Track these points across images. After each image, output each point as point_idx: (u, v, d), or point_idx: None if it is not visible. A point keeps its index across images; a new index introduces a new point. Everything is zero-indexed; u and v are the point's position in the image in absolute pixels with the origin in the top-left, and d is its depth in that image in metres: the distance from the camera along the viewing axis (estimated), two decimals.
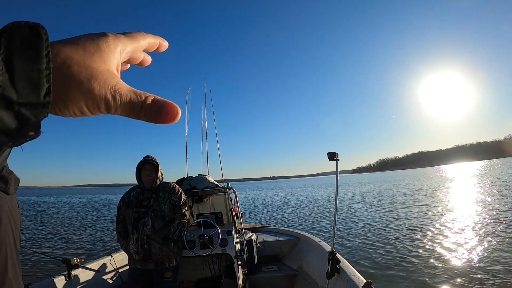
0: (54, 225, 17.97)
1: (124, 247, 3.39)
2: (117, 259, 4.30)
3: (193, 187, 4.40)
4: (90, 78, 0.30)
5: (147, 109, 0.33)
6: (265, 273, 4.79)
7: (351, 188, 43.39)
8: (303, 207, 22.62)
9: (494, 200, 16.75)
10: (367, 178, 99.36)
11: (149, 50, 0.42)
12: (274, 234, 5.97)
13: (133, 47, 0.38)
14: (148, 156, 3.41)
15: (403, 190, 32.18)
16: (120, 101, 0.32)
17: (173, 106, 0.34)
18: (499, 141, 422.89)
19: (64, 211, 28.08)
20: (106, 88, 0.31)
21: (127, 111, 0.33)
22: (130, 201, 3.38)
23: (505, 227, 10.04)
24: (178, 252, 3.42)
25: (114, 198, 31.44)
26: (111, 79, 0.32)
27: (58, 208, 32.76)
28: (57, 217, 22.51)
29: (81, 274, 3.66)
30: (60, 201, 46.28)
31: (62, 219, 21.41)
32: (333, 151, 3.33)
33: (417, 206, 17.45)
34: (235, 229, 3.97)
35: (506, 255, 7.25)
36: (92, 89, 0.30)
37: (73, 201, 46.10)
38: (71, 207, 33.42)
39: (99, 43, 0.33)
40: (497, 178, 34.23)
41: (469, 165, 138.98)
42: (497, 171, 50.43)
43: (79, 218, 21.55)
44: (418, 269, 6.82)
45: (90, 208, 32.13)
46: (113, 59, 0.34)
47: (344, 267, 3.29)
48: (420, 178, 61.28)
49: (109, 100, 0.31)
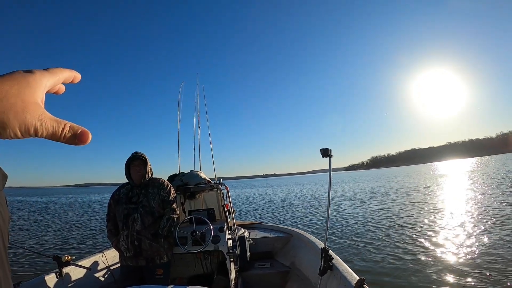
0: (45, 224, 17.84)
1: (115, 244, 3.35)
2: (109, 256, 4.27)
3: (185, 183, 4.37)
4: (24, 109, 0.39)
5: (65, 135, 0.43)
6: (258, 269, 4.77)
7: (344, 185, 43.57)
8: (296, 204, 22.68)
9: (484, 197, 16.95)
10: (360, 175, 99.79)
11: (66, 82, 0.50)
12: (267, 231, 5.96)
13: (53, 82, 0.46)
14: (136, 152, 3.38)
15: (395, 187, 32.37)
16: (46, 128, 0.41)
17: (85, 131, 0.44)
18: (491, 138, 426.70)
19: (56, 211, 27.87)
20: (35, 117, 0.40)
21: (50, 136, 0.42)
22: (120, 198, 3.35)
23: (495, 223, 10.19)
24: (169, 248, 3.38)
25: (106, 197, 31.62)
26: (38, 110, 0.41)
27: (50, 207, 32.50)
28: (49, 216, 22.34)
29: (73, 271, 3.63)
30: (52, 201, 45.92)
31: (54, 218, 21.25)
32: (326, 148, 3.31)
33: (409, 203, 17.57)
34: (227, 225, 3.95)
35: (495, 251, 7.35)
36: (25, 118, 0.39)
37: (65, 201, 45.78)
38: (63, 207, 33.17)
39: (29, 80, 0.41)
40: (489, 175, 34.60)
41: (461, 162, 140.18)
42: (488, 168, 50.89)
43: (71, 217, 21.41)
44: (411, 266, 6.86)
45: (82, 207, 31.93)
46: (40, 93, 0.43)
47: (337, 264, 3.28)
48: (413, 175, 61.69)
49: (37, 127, 0.40)
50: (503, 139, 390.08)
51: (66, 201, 44.38)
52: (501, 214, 11.58)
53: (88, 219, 19.85)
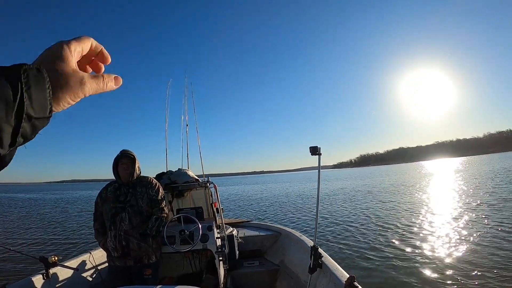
0: (31, 222, 17.53)
1: (102, 244, 3.30)
2: (96, 256, 4.21)
3: (173, 182, 4.33)
4: (68, 82, 0.47)
5: (107, 84, 0.53)
6: (247, 268, 4.76)
7: (333, 183, 43.79)
8: (285, 202, 22.73)
9: (467, 196, 17.25)
10: (348, 173, 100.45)
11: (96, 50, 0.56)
12: (255, 229, 5.95)
13: (81, 46, 0.52)
14: (125, 150, 3.33)
15: (383, 185, 32.71)
16: (90, 88, 0.50)
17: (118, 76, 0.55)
18: (478, 139, 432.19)
19: (42, 208, 27.40)
20: (79, 83, 0.48)
21: (96, 91, 0.51)
22: (107, 196, 3.30)
23: (478, 221, 10.42)
24: (157, 248, 3.34)
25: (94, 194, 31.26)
26: (78, 75, 0.48)
27: (36, 204, 31.97)
28: (34, 214, 21.95)
29: (60, 272, 3.56)
30: (38, 198, 45.21)
31: (40, 216, 20.86)
32: (315, 146, 3.30)
33: (398, 201, 17.79)
34: (215, 224, 3.92)
35: (481, 249, 7.49)
36: (71, 88, 0.47)
37: (52, 197, 45.11)
38: (49, 204, 32.64)
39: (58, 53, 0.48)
40: (474, 175, 35.23)
41: (449, 161, 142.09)
42: (475, 168, 51.72)
43: (57, 215, 21.05)
44: (400, 263, 6.95)
45: (68, 204, 31.42)
46: (72, 60, 0.49)
47: (327, 262, 3.28)
48: (401, 173, 62.41)
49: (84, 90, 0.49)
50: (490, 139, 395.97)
51: (52, 198, 43.69)
52: (482, 212, 11.83)
53: (75, 217, 19.54)
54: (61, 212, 22.90)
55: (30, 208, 27.72)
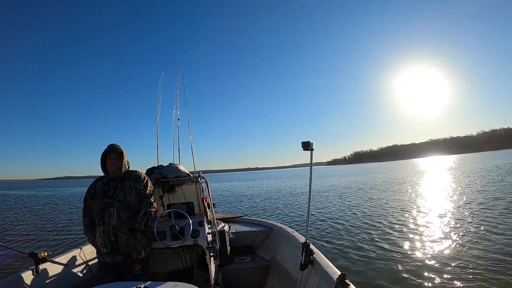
0: (21, 218, 17.42)
1: (91, 239, 3.26)
2: (87, 252, 4.16)
3: (164, 176, 4.29)
4: None
5: None
6: (238, 264, 4.75)
7: (326, 180, 43.90)
8: (277, 198, 22.81)
9: (461, 193, 17.43)
10: (342, 170, 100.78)
11: None
12: (247, 225, 5.95)
13: None
14: (112, 144, 3.28)
15: (376, 182, 32.90)
16: None
17: None
18: (471, 136, 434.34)
19: (33, 204, 27.24)
20: None
21: None
22: (96, 192, 3.25)
23: (469, 219, 10.56)
24: (146, 243, 3.30)
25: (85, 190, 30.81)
26: None
27: (27, 201, 31.79)
28: (26, 210, 21.85)
29: (50, 268, 3.53)
30: (30, 194, 44.98)
31: (31, 212, 20.77)
32: (307, 141, 3.27)
33: (390, 198, 17.93)
34: (206, 219, 3.89)
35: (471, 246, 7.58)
36: None
37: (44, 194, 44.88)
38: (41, 200, 32.47)
39: None
40: (467, 172, 35.58)
41: (442, 159, 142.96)
42: (468, 165, 52.13)
43: (49, 211, 20.95)
44: (392, 260, 6.99)
45: (60, 200, 31.29)
46: None
47: (318, 259, 3.26)
48: (394, 170, 62.77)
49: None
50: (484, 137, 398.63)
51: (45, 195, 43.44)
52: (474, 210, 11.98)
53: (67, 213, 19.44)
54: (53, 209, 22.76)
55: (21, 204, 27.54)
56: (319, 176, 61.43)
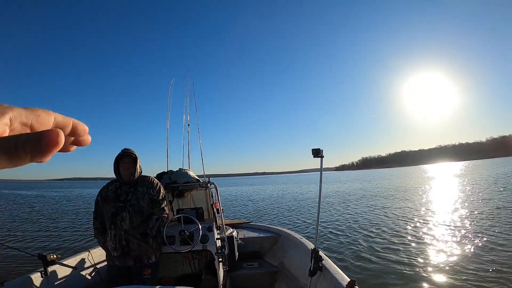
0: (31, 219, 17.50)
1: (102, 243, 3.29)
2: (95, 255, 4.20)
3: (173, 182, 4.31)
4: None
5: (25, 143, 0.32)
6: (246, 269, 4.75)
7: (335, 185, 43.66)
8: (286, 204, 22.64)
9: (471, 200, 17.17)
10: (351, 176, 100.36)
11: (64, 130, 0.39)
12: (255, 231, 5.95)
13: (31, 119, 0.37)
14: (126, 148, 3.31)
15: (386, 188, 32.60)
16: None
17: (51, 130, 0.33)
18: (480, 143, 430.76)
19: (42, 205, 27.37)
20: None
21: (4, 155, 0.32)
22: (108, 195, 3.28)
23: (479, 226, 10.36)
24: (157, 248, 3.33)
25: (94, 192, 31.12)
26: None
27: (36, 202, 31.94)
28: (34, 211, 21.95)
29: (58, 270, 3.56)
30: (39, 195, 45.17)
31: (39, 213, 20.85)
32: (317, 148, 3.29)
33: (400, 204, 17.72)
34: (215, 225, 3.91)
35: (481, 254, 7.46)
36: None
37: (52, 195, 45.06)
38: (49, 201, 32.65)
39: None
40: (476, 179, 35.08)
41: (451, 165, 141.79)
42: (477, 172, 51.55)
43: (57, 213, 21.02)
44: (403, 268, 6.88)
45: (69, 202, 31.44)
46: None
47: (327, 265, 3.26)
48: (403, 176, 62.20)
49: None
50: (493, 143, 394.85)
51: (53, 196, 43.62)
52: (483, 217, 11.76)
53: (75, 215, 19.51)
54: (61, 210, 22.87)
55: (30, 205, 27.68)
56: (328, 181, 61.05)
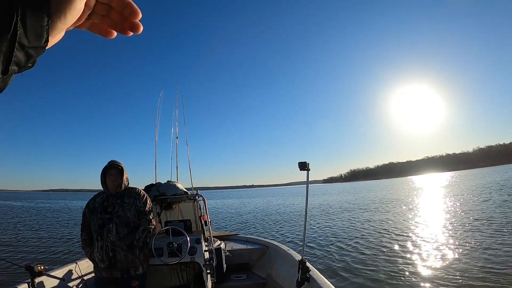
0: (17, 230, 17.21)
1: (89, 254, 3.30)
2: (83, 267, 4.17)
3: (161, 194, 4.34)
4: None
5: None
6: (234, 281, 4.76)
7: (322, 198, 43.78)
8: (273, 216, 22.67)
9: (457, 210, 17.37)
10: (338, 188, 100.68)
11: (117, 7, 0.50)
12: (243, 243, 5.95)
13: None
14: (113, 160, 3.34)
15: (372, 199, 32.85)
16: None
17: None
18: (467, 153, 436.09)
19: (28, 216, 26.90)
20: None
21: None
22: (95, 207, 3.30)
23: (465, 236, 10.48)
24: (144, 260, 3.34)
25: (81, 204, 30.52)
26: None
27: (22, 213, 31.41)
28: (21, 222, 21.57)
29: (45, 281, 3.52)
30: (25, 206, 44.41)
31: (26, 224, 20.51)
32: (304, 161, 3.36)
33: (386, 216, 17.86)
34: (204, 237, 3.93)
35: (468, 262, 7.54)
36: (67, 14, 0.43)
37: (39, 206, 44.36)
38: (36, 212, 32.10)
39: None
40: (463, 189, 35.45)
41: (438, 176, 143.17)
42: (464, 182, 52.16)
43: (44, 224, 20.70)
44: (388, 278, 6.95)
45: (55, 213, 30.94)
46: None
47: (314, 276, 3.30)
48: (390, 188, 62.69)
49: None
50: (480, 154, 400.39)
51: (39, 207, 42.95)
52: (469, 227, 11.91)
53: (62, 226, 19.22)
54: (48, 221, 22.50)
55: (16, 216, 27.19)
56: (315, 194, 61.10)
